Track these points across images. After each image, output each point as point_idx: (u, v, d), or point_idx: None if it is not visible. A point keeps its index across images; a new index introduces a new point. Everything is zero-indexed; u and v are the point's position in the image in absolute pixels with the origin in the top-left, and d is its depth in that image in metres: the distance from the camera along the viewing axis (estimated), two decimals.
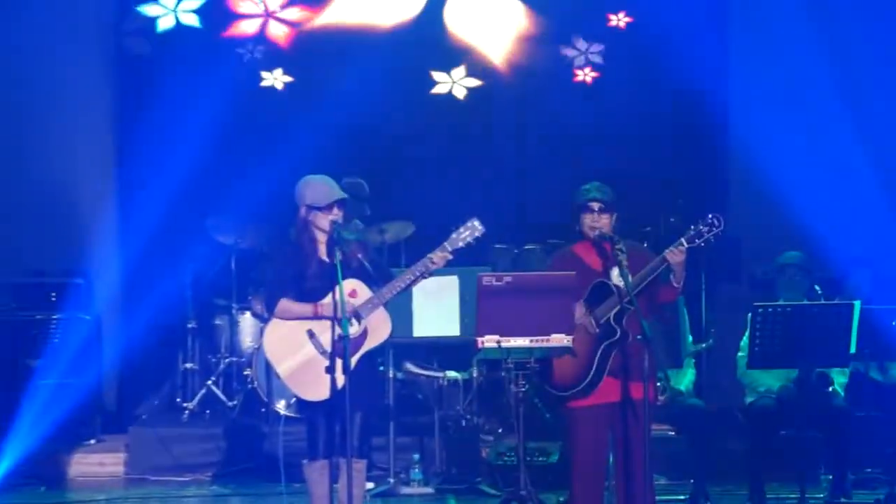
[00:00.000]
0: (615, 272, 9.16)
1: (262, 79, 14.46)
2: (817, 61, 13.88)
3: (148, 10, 14.51)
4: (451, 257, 9.31)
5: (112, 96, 14.43)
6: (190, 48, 14.51)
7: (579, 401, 9.27)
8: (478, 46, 14.46)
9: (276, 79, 14.45)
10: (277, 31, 14.48)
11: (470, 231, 9.35)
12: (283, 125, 13.93)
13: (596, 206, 9.28)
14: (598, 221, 9.26)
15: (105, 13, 14.51)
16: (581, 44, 14.43)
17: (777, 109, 14.11)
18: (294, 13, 14.47)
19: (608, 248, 9.22)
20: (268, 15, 14.46)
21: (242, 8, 14.48)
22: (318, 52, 14.41)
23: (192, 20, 14.53)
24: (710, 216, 9.16)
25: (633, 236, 9.73)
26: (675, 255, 9.02)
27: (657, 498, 9.53)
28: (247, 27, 14.49)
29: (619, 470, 9.32)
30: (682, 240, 9.09)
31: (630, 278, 9.01)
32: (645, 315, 8.98)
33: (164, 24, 14.54)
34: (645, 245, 9.95)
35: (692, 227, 9.17)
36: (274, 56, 14.50)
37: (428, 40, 14.47)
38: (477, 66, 14.41)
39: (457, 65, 14.42)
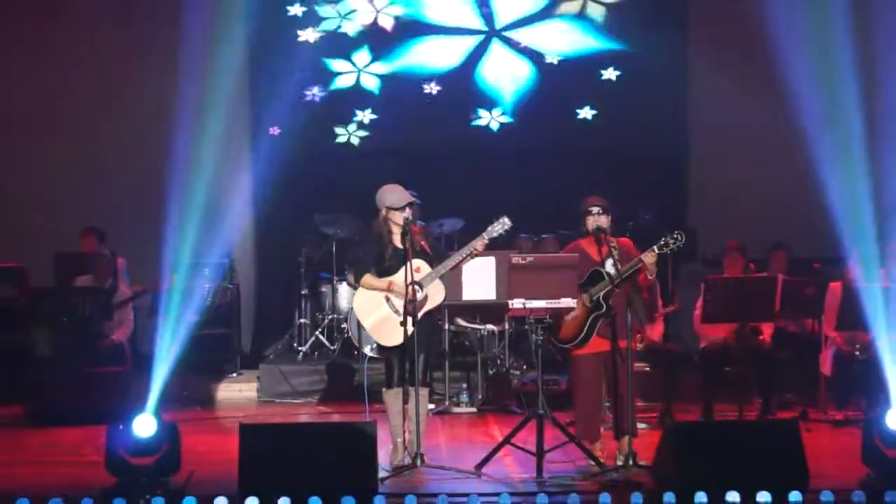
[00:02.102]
0: (608, 263, 9.26)
1: (356, 115, 14.39)
2: (762, 91, 13.76)
3: None
4: (488, 243, 9.41)
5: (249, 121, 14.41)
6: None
7: (579, 350, 9.40)
8: (506, 92, 14.44)
9: (364, 116, 14.41)
10: (369, 81, 14.47)
11: (501, 225, 9.42)
12: (369, 149, 13.93)
13: (596, 209, 9.39)
14: (598, 220, 9.37)
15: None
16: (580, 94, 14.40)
17: (725, 139, 14.03)
18: (378, 67, 14.46)
19: (605, 242, 9.31)
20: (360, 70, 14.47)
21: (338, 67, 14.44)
22: (394, 96, 14.37)
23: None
24: (676, 232, 9.31)
25: (619, 229, 9.73)
26: (648, 257, 9.23)
27: (637, 415, 9.61)
28: (345, 80, 14.47)
29: (609, 396, 9.41)
30: (654, 247, 9.27)
31: (619, 267, 9.13)
32: (627, 292, 9.15)
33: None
34: (628, 235, 9.92)
35: (662, 238, 9.28)
36: (364, 98, 14.44)
37: (468, 87, 14.42)
38: (507, 106, 14.37)
39: (495, 106, 14.39)
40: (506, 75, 14.49)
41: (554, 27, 14.43)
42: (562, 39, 14.41)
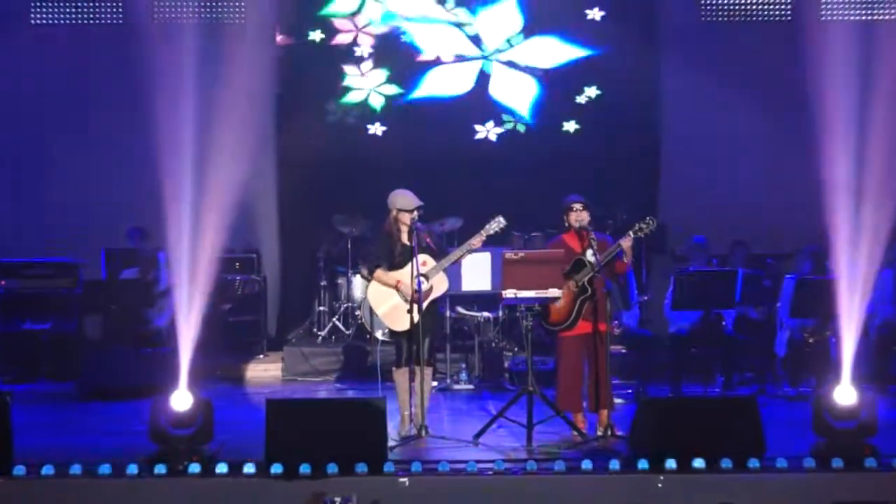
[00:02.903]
0: (589, 253, 9.27)
1: (367, 128, 14.39)
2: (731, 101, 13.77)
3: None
4: (485, 239, 9.43)
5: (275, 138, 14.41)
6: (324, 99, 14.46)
7: (565, 332, 9.39)
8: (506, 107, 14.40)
9: (376, 128, 14.39)
10: (375, 101, 14.46)
11: (497, 223, 9.45)
12: (380, 158, 13.92)
13: (578, 206, 9.40)
14: (580, 216, 9.37)
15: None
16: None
17: (692, 148, 14.02)
18: (389, 89, 14.45)
19: (586, 236, 9.32)
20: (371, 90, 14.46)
21: (352, 82, 14.42)
22: (403, 112, 14.36)
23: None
24: (648, 218, 9.34)
25: (599, 226, 9.74)
26: (626, 241, 9.25)
27: (613, 392, 9.62)
28: (356, 96, 14.46)
29: (591, 374, 9.42)
30: (630, 232, 9.28)
31: (598, 256, 9.15)
32: (606, 280, 9.16)
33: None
34: (607, 232, 9.93)
35: (637, 224, 9.29)
36: (374, 114, 14.44)
37: (473, 104, 14.40)
38: (503, 121, 14.35)
39: (489, 119, 14.36)
40: (513, 90, 14.42)
41: (537, 43, 14.34)
42: (546, 56, 14.33)
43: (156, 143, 13.31)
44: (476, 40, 14.30)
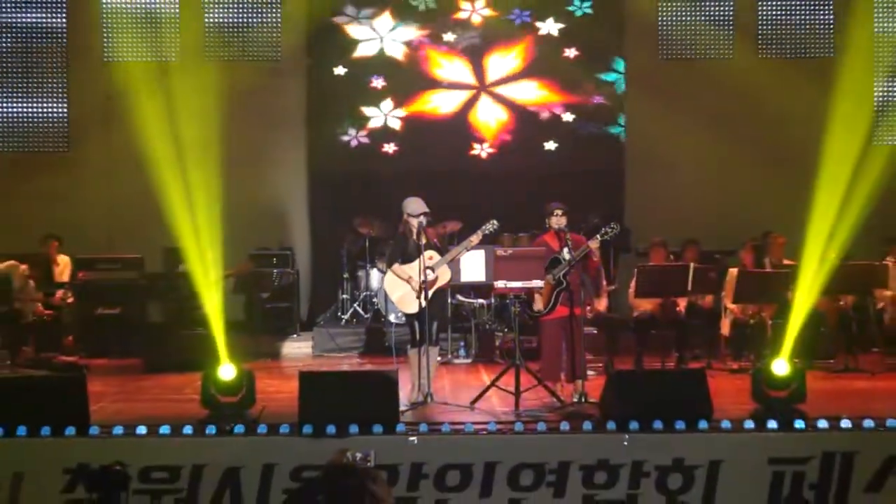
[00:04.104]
0: (565, 251, 9.25)
1: (382, 147, 14.36)
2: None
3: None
4: (481, 238, 9.40)
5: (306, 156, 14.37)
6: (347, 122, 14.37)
7: (546, 316, 9.36)
8: (494, 129, 14.40)
9: (389, 147, 14.38)
10: (389, 125, 14.43)
11: (491, 225, 9.43)
12: (392, 171, 13.92)
13: (558, 212, 9.37)
14: (559, 221, 9.34)
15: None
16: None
17: (652, 163, 14.01)
18: (400, 112, 14.40)
19: (563, 237, 9.28)
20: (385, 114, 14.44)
21: (370, 112, 14.41)
22: (412, 134, 14.35)
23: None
24: (612, 224, 9.34)
25: (574, 228, 9.69)
26: (594, 242, 9.25)
27: (586, 365, 9.59)
28: (372, 121, 14.42)
29: (568, 350, 9.38)
30: (597, 235, 9.24)
31: (573, 254, 9.11)
32: (580, 273, 9.13)
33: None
34: (582, 233, 9.88)
35: (603, 229, 9.29)
36: (390, 134, 14.40)
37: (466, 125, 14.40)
38: (496, 140, 14.34)
39: (483, 138, 14.36)
40: (491, 118, 14.42)
41: (528, 84, 14.34)
42: (533, 93, 14.34)
43: (200, 162, 13.38)
44: (479, 73, 14.30)
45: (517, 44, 14.36)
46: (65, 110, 14.08)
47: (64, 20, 14.00)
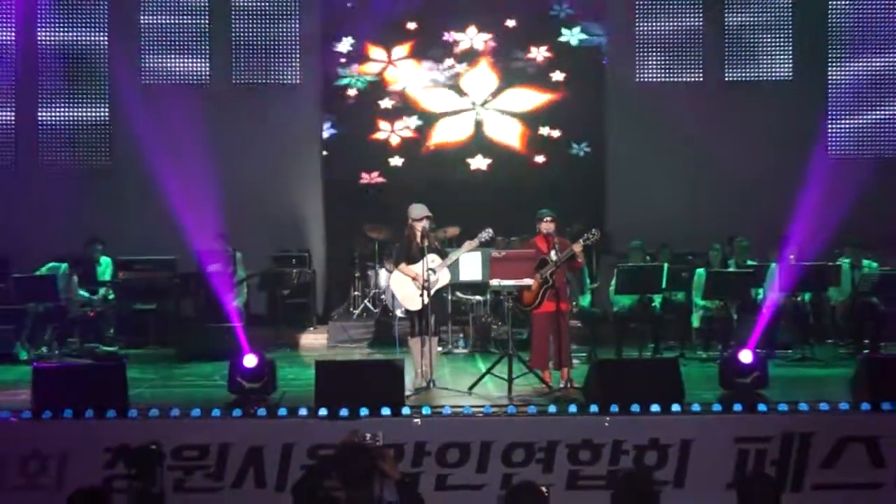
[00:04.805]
0: (552, 253, 9.22)
1: (389, 161, 14.29)
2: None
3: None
4: (477, 245, 9.39)
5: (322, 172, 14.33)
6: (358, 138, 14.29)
7: (536, 311, 9.33)
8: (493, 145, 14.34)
9: (396, 161, 14.30)
10: (396, 140, 14.38)
11: (486, 234, 9.43)
12: (399, 182, 13.88)
13: (548, 218, 9.34)
14: (548, 226, 9.31)
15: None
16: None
17: (629, 176, 13.96)
18: (405, 132, 14.36)
19: (551, 240, 9.26)
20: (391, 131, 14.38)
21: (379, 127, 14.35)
22: (416, 149, 14.30)
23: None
24: (594, 230, 9.33)
25: (561, 233, 9.67)
26: (577, 246, 9.23)
27: (572, 355, 9.57)
28: (381, 136, 14.36)
29: (555, 341, 9.35)
30: (580, 241, 9.21)
31: (559, 255, 9.10)
32: (565, 272, 9.14)
33: None
34: (567, 238, 9.86)
35: (585, 234, 9.27)
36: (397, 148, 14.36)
37: (469, 142, 14.34)
38: (490, 155, 14.28)
39: (479, 153, 14.31)
40: (503, 130, 14.26)
41: (515, 93, 14.24)
42: (520, 104, 14.25)
43: (232, 174, 13.37)
44: (463, 93, 14.23)
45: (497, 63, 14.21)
46: (108, 128, 14.03)
47: (106, 39, 13.89)
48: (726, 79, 14.14)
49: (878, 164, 13.51)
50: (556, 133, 14.20)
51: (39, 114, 13.90)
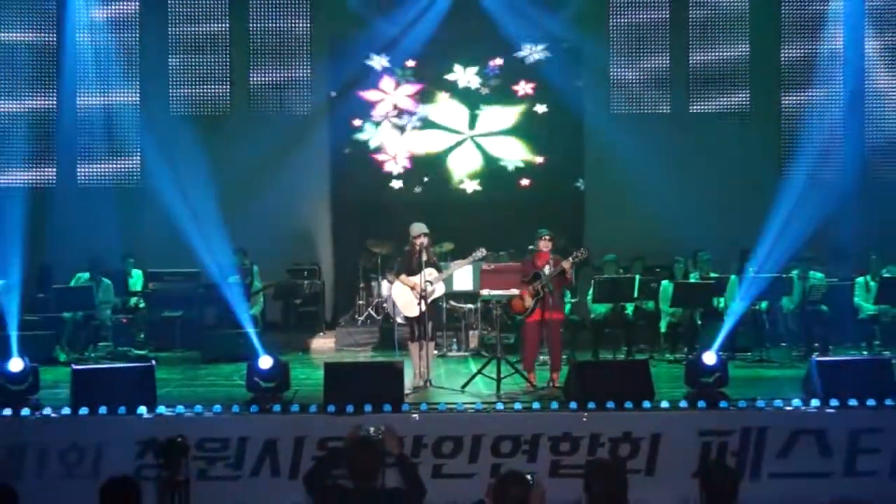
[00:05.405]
0: (546, 268, 9.23)
1: (391, 183, 14.32)
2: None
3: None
4: (471, 262, 9.43)
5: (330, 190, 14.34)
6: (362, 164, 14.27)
7: (527, 319, 9.34)
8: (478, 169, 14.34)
9: (397, 183, 14.31)
10: (398, 164, 14.39)
11: (479, 253, 9.50)
12: (399, 202, 13.89)
13: (546, 237, 9.35)
14: (546, 244, 9.31)
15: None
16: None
17: (605, 198, 13.96)
18: (406, 151, 14.36)
19: (547, 257, 9.26)
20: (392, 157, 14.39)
21: (387, 154, 14.38)
22: (415, 171, 14.31)
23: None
24: (582, 248, 9.35)
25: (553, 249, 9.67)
26: (566, 263, 9.18)
27: (562, 357, 9.57)
28: (384, 156, 14.37)
29: (547, 346, 9.35)
30: (569, 258, 9.19)
31: (550, 271, 9.11)
32: (556, 286, 9.15)
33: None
34: (556, 254, 9.86)
35: (574, 252, 9.27)
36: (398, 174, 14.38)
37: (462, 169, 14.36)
38: (481, 179, 14.28)
39: (473, 170, 14.30)
40: (468, 161, 14.33)
41: (508, 140, 14.30)
42: (511, 149, 14.32)
43: (251, 195, 13.38)
44: (456, 126, 14.23)
45: (507, 107, 14.24)
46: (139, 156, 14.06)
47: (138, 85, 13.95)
48: (691, 110, 14.23)
49: (825, 185, 13.57)
50: (539, 159, 14.25)
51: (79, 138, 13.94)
